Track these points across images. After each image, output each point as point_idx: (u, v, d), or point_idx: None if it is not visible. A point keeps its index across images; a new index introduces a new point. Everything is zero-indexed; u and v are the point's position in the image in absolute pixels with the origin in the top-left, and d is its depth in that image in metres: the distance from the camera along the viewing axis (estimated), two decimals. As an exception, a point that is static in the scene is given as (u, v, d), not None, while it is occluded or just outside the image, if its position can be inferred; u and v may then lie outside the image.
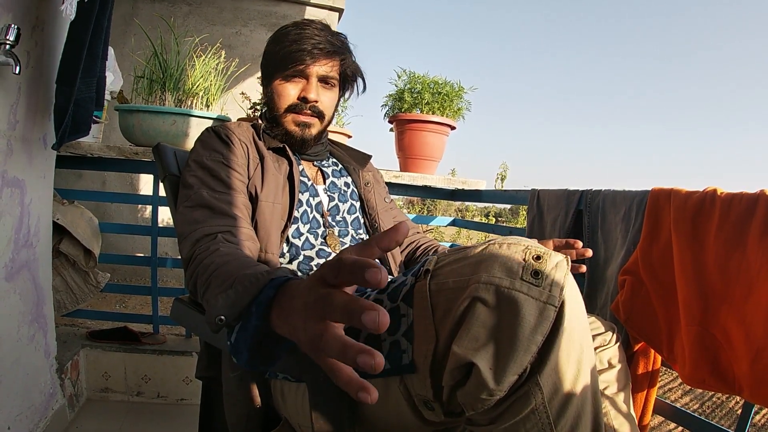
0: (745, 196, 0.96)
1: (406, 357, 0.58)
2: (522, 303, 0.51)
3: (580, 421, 0.54)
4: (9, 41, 1.05)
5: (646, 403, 1.18)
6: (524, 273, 0.52)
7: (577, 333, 0.53)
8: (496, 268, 0.53)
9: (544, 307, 0.51)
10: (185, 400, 1.87)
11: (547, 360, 0.52)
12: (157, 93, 1.78)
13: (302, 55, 0.99)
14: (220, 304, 0.55)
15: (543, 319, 0.51)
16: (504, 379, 0.51)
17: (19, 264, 1.29)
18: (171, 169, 1.05)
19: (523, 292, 0.51)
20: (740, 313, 0.93)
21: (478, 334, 0.52)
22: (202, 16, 3.79)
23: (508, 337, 0.51)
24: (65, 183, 2.66)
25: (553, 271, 0.53)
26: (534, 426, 0.52)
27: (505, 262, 0.53)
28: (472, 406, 0.53)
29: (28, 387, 1.35)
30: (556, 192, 1.51)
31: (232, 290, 0.55)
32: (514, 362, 0.50)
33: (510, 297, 0.51)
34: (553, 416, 0.52)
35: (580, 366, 0.53)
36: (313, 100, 1.02)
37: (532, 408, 0.52)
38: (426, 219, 2.60)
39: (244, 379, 0.83)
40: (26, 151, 1.28)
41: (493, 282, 0.52)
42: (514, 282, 0.52)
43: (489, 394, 0.51)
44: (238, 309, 0.54)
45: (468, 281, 0.54)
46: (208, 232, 0.83)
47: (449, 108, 2.13)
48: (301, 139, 1.05)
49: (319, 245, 1.00)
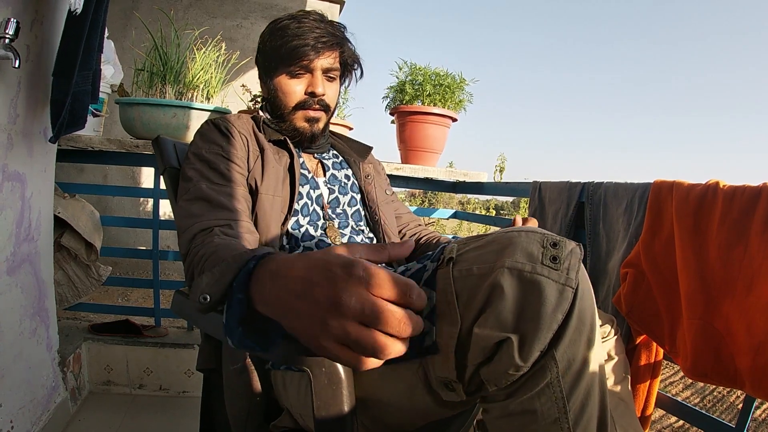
0: (748, 189, 0.96)
1: (428, 339, 0.60)
2: (544, 285, 0.54)
3: (590, 397, 0.58)
4: (8, 35, 1.04)
5: (648, 396, 1.18)
6: (544, 258, 0.56)
7: (588, 313, 0.57)
8: (518, 254, 0.56)
9: (563, 288, 0.55)
10: (187, 393, 1.88)
11: (562, 337, 0.55)
12: (157, 86, 1.77)
13: (306, 50, 0.98)
14: (204, 281, 0.55)
15: (562, 300, 0.55)
16: (530, 355, 0.55)
17: (20, 258, 1.29)
18: (171, 162, 1.05)
19: (544, 275, 0.55)
20: (742, 306, 0.93)
21: (504, 315, 0.55)
22: (202, 8, 3.77)
23: (532, 316, 0.54)
24: (66, 177, 2.66)
25: (569, 256, 0.57)
26: (548, 399, 0.56)
27: (525, 248, 0.57)
28: (496, 381, 0.57)
29: (30, 380, 1.36)
30: (557, 184, 1.51)
31: (216, 269, 0.56)
32: (538, 339, 0.54)
33: (533, 280, 0.55)
34: (566, 390, 0.56)
35: (590, 344, 0.57)
36: (321, 95, 1.02)
37: (548, 382, 0.56)
38: (427, 211, 2.59)
39: (245, 371, 0.83)
40: (27, 145, 1.27)
41: (516, 267, 0.56)
42: (535, 266, 0.55)
43: (515, 369, 0.55)
44: (222, 286, 0.55)
45: (492, 267, 0.57)
46: (205, 227, 0.83)
47: (451, 100, 2.12)
48: (311, 135, 1.05)
49: (319, 237, 1.00)
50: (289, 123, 1.04)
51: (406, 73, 2.15)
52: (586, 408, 0.58)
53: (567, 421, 0.56)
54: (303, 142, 1.06)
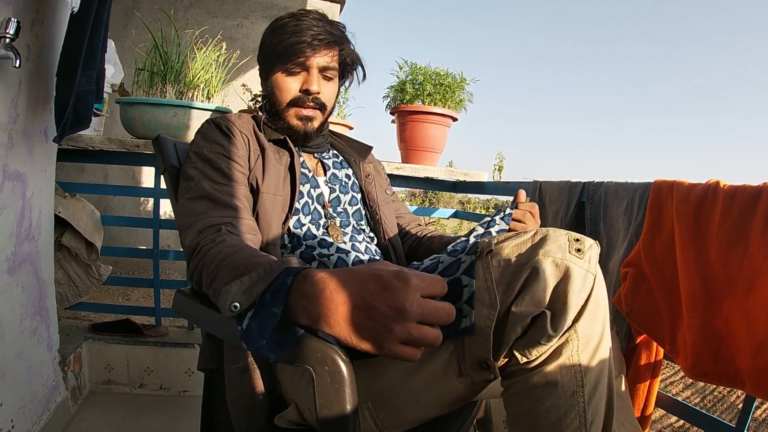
0: (748, 188, 0.96)
1: (466, 321, 0.68)
2: (573, 269, 0.64)
3: (601, 375, 0.67)
4: (9, 35, 1.04)
5: (649, 395, 1.18)
6: (570, 249, 0.66)
7: (601, 299, 0.67)
8: (550, 246, 0.66)
9: (586, 274, 0.65)
10: (188, 392, 1.88)
11: (582, 315, 0.65)
12: (158, 85, 1.77)
13: (303, 47, 0.98)
14: (234, 290, 0.59)
15: (586, 283, 0.65)
16: (560, 327, 0.64)
17: (21, 257, 1.29)
18: (171, 162, 1.05)
19: (572, 262, 0.65)
20: (742, 306, 0.93)
21: (539, 294, 0.65)
22: (203, 8, 3.77)
23: (562, 294, 0.64)
24: (67, 176, 2.66)
25: (589, 250, 0.66)
26: (568, 371, 0.65)
27: (555, 241, 0.66)
28: (528, 353, 0.66)
29: (30, 380, 1.36)
30: (558, 184, 1.51)
31: (246, 277, 0.61)
32: (567, 314, 0.64)
33: (564, 265, 0.64)
34: (584, 364, 0.65)
35: (604, 325, 0.68)
36: (316, 92, 1.02)
37: (569, 354, 0.65)
38: (428, 211, 2.59)
39: (247, 371, 0.83)
40: (27, 145, 1.27)
41: (549, 255, 0.65)
42: (565, 255, 0.65)
43: (547, 339, 0.64)
44: (254, 296, 0.59)
45: (529, 256, 0.66)
46: (211, 223, 0.83)
47: (451, 99, 2.12)
48: (303, 133, 1.04)
49: (321, 236, 1.00)
50: (284, 120, 1.04)
51: (406, 73, 2.15)
52: (598, 386, 0.66)
53: (583, 395, 0.65)
54: (297, 139, 1.06)
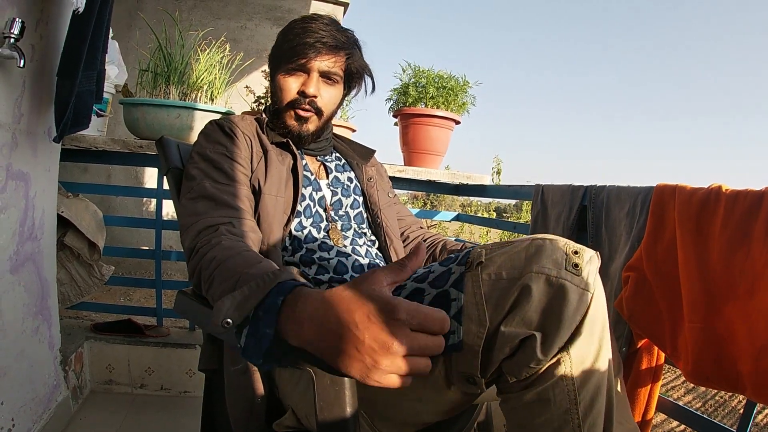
0: (750, 193, 0.96)
1: (454, 337, 0.65)
2: (568, 289, 0.60)
3: (599, 393, 0.63)
4: (13, 35, 1.05)
5: (650, 400, 1.18)
6: (567, 264, 0.62)
7: (600, 316, 0.63)
8: (544, 260, 0.62)
9: (583, 293, 0.61)
10: (188, 393, 1.88)
11: (577, 336, 0.61)
12: (161, 86, 1.78)
13: (304, 48, 0.98)
14: (226, 306, 0.58)
15: (582, 303, 0.61)
16: (551, 350, 0.60)
17: (23, 256, 1.30)
18: (174, 163, 1.05)
19: (568, 280, 0.61)
20: (744, 310, 0.92)
21: (531, 315, 0.61)
22: (206, 9, 3.78)
23: (556, 316, 0.60)
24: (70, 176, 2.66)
25: (588, 264, 0.62)
26: (561, 391, 0.62)
27: (550, 255, 0.62)
28: (516, 374, 0.63)
29: (32, 379, 1.36)
30: (560, 187, 1.51)
31: (238, 292, 0.59)
32: (560, 337, 0.60)
33: (558, 284, 0.61)
34: (578, 384, 0.62)
35: (601, 343, 0.63)
36: (312, 95, 1.01)
37: (561, 375, 0.61)
38: (430, 213, 2.59)
39: (247, 372, 0.83)
40: (31, 145, 1.28)
41: (543, 272, 0.61)
42: (560, 272, 0.61)
43: (537, 363, 0.61)
44: (245, 312, 0.57)
45: (521, 272, 0.62)
46: (210, 224, 0.83)
47: (454, 102, 2.12)
48: (298, 134, 1.04)
49: (322, 239, 1.00)
50: (281, 120, 1.04)
51: (409, 76, 2.15)
52: (595, 404, 0.63)
53: (577, 412, 0.62)
54: (293, 141, 1.06)
